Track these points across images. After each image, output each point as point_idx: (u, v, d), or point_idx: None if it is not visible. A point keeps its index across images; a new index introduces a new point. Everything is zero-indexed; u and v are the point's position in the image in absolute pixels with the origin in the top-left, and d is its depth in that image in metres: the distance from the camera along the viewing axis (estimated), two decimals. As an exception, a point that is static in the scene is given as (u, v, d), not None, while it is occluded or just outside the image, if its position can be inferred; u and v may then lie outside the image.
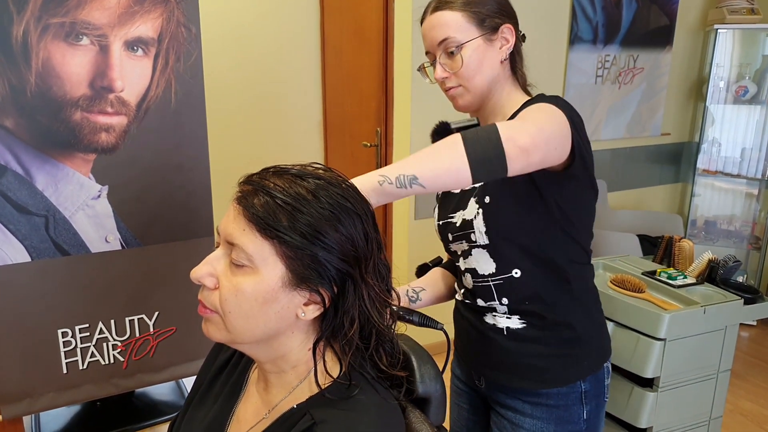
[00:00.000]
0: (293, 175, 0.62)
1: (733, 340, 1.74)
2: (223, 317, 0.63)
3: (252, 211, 0.60)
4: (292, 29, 2.73)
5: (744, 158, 3.12)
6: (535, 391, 0.98)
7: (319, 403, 0.64)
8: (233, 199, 0.63)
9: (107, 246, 1.16)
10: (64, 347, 1.17)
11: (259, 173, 0.64)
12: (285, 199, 0.60)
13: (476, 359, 1.05)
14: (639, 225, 2.92)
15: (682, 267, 1.92)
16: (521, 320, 0.97)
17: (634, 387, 1.68)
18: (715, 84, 3.04)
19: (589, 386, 0.98)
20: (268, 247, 0.60)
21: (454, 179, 0.75)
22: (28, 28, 1.00)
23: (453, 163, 0.74)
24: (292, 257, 0.60)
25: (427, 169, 0.73)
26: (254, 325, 0.62)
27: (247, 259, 0.60)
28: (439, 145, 0.76)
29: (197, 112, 1.19)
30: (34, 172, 1.08)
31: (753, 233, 3.14)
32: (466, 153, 0.74)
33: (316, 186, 0.61)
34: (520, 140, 0.76)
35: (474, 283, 1.00)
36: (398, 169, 0.72)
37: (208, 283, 0.63)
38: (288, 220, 0.59)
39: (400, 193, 0.72)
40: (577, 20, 2.69)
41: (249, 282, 0.61)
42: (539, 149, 0.78)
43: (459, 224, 0.98)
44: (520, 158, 0.76)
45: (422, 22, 0.97)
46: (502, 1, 0.96)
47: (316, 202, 0.60)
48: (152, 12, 1.10)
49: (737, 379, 2.50)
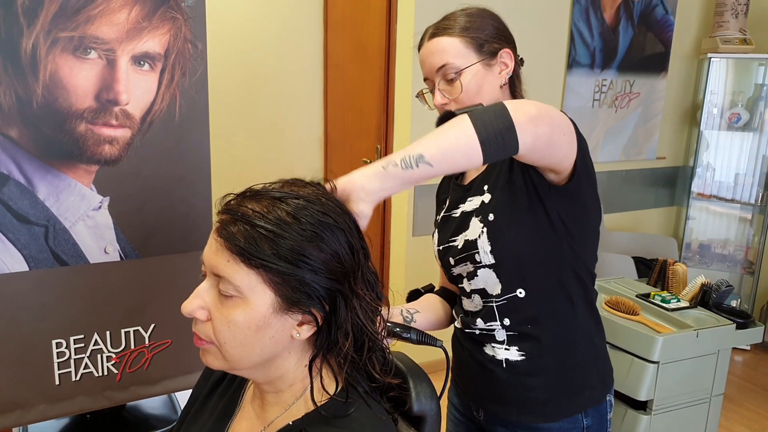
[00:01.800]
0: (271, 198, 0.61)
1: (726, 364, 1.74)
2: (219, 347, 0.63)
3: (234, 242, 0.59)
4: (295, 46, 2.77)
5: (737, 183, 3.16)
6: (535, 425, 0.96)
7: (314, 420, 0.64)
8: (213, 230, 0.62)
9: (106, 257, 1.17)
10: (58, 358, 1.16)
11: (236, 198, 0.63)
12: (266, 226, 0.59)
13: (475, 390, 1.03)
14: (634, 247, 2.94)
15: (675, 290, 1.93)
16: (520, 352, 0.95)
17: (628, 410, 1.68)
18: (709, 110, 3.09)
19: (591, 421, 0.96)
20: (255, 276, 0.59)
21: (464, 155, 0.71)
22: (37, 41, 1.02)
23: (459, 138, 0.70)
24: (280, 283, 0.60)
25: (434, 146, 0.69)
26: (251, 351, 0.62)
27: (234, 290, 0.60)
28: (445, 125, 0.73)
29: (201, 126, 1.21)
30: (36, 182, 1.08)
31: (746, 258, 3.16)
32: (473, 127, 0.70)
33: (295, 207, 0.60)
34: (526, 108, 0.73)
35: (483, 303, 0.97)
36: (403, 152, 0.69)
37: (200, 316, 0.63)
38: (270, 248, 0.59)
39: (406, 176, 0.68)
40: (575, 45, 2.74)
41: (240, 312, 0.60)
42: (545, 120, 0.76)
43: (461, 246, 0.97)
44: (529, 127, 0.73)
45: (419, 48, 0.97)
46: (500, 25, 0.96)
47: (297, 224, 0.59)
48: (160, 28, 1.12)
49: (731, 404, 2.50)
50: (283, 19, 2.73)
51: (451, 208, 1.03)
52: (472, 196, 0.98)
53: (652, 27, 2.95)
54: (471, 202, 0.98)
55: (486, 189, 0.96)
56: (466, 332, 1.02)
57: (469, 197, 0.99)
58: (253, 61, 2.71)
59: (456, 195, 1.02)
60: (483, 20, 0.94)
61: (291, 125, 2.85)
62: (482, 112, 0.73)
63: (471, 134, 0.70)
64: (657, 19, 2.96)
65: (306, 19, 2.76)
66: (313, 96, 2.86)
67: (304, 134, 2.88)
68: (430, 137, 0.71)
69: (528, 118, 0.73)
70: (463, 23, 0.93)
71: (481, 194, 0.97)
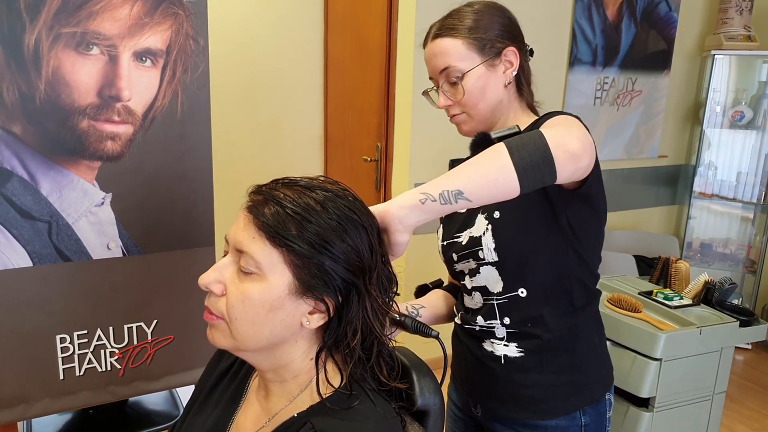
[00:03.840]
0: (302, 186, 0.64)
1: (729, 362, 1.74)
2: (229, 324, 0.63)
3: (262, 219, 0.61)
4: (295, 44, 2.77)
5: (739, 182, 3.15)
6: (532, 422, 0.96)
7: (319, 412, 0.64)
8: (243, 207, 0.64)
9: (108, 253, 1.17)
10: (62, 353, 1.17)
11: (268, 184, 0.65)
12: (294, 209, 0.61)
13: (473, 387, 1.03)
14: (635, 246, 2.94)
15: (678, 288, 1.93)
16: (519, 348, 0.95)
17: (630, 407, 1.68)
18: (712, 108, 3.08)
19: (589, 419, 0.95)
20: (277, 255, 0.61)
21: (502, 190, 0.71)
22: (40, 37, 1.02)
23: (499, 173, 0.71)
24: (300, 265, 0.61)
25: (473, 183, 0.70)
26: (260, 332, 0.63)
27: (255, 266, 0.61)
28: (482, 156, 0.73)
29: (202, 123, 1.21)
30: (40, 178, 1.09)
31: (748, 257, 3.16)
32: (512, 161, 0.71)
33: (324, 197, 0.63)
34: (570, 145, 0.73)
35: (484, 301, 0.97)
36: (441, 185, 0.70)
37: (216, 289, 0.64)
38: (297, 229, 0.61)
39: (444, 210, 0.70)
40: (576, 42, 2.74)
41: (256, 289, 0.62)
42: (587, 153, 0.76)
43: (465, 243, 0.96)
44: (570, 163, 0.73)
45: (424, 46, 0.96)
46: (507, 21, 0.94)
47: (324, 212, 0.62)
48: (162, 24, 1.12)
49: (732, 403, 2.49)
50: (283, 17, 2.73)
51: None
52: None
53: (654, 24, 2.94)
54: None
55: None
56: (465, 328, 1.02)
57: None
58: (253, 59, 2.71)
59: None
60: (490, 18, 0.93)
61: (291, 123, 2.85)
62: (521, 145, 0.72)
63: (509, 171, 0.71)
64: (660, 16, 2.95)
65: (306, 17, 2.76)
66: (314, 93, 2.86)
67: (304, 132, 2.88)
68: (467, 170, 0.71)
69: (570, 157, 0.73)
70: (469, 23, 0.92)
71: None
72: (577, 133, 0.77)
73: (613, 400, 1.01)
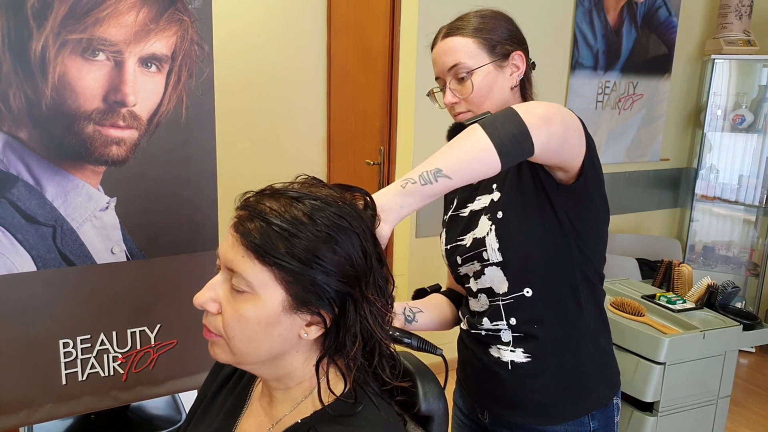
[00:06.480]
0: (289, 198, 0.62)
1: (733, 365, 1.74)
2: (227, 341, 0.63)
3: (249, 238, 0.60)
4: (299, 48, 2.78)
5: (741, 185, 3.15)
6: (540, 428, 0.95)
7: (323, 418, 0.64)
8: (230, 225, 0.63)
9: (113, 257, 1.17)
10: (65, 358, 1.17)
11: (255, 195, 0.64)
12: (281, 225, 0.59)
13: (480, 393, 1.02)
14: (638, 249, 2.94)
15: (681, 291, 1.92)
16: (525, 353, 0.95)
17: (634, 411, 1.67)
18: (713, 112, 3.09)
19: (597, 424, 0.95)
20: (267, 274, 0.60)
21: (482, 163, 0.71)
22: (46, 44, 1.03)
23: (475, 147, 0.71)
24: (291, 282, 0.60)
25: (451, 159, 0.70)
26: (258, 347, 0.63)
27: (247, 285, 0.61)
28: (458, 136, 0.74)
29: (207, 127, 1.21)
30: (45, 183, 1.09)
31: (751, 260, 3.15)
32: (487, 135, 0.71)
33: (312, 208, 0.61)
34: (537, 110, 0.74)
35: (490, 302, 0.97)
36: (420, 168, 0.70)
37: (211, 308, 0.63)
38: (285, 246, 0.59)
39: (426, 191, 0.69)
40: (578, 46, 2.74)
41: (250, 308, 0.61)
42: (557, 119, 0.77)
43: (469, 245, 0.97)
44: (542, 126, 0.74)
45: (432, 47, 0.98)
46: (513, 28, 0.97)
47: (312, 225, 0.60)
48: (167, 30, 1.12)
49: (736, 407, 2.48)
50: (287, 22, 2.74)
51: (460, 207, 1.03)
52: (481, 195, 0.99)
53: (655, 29, 2.95)
54: (480, 201, 0.98)
55: (495, 187, 0.96)
56: (471, 333, 1.01)
57: (477, 196, 0.99)
58: (257, 64, 2.72)
59: (464, 194, 1.02)
60: (496, 22, 0.95)
61: (294, 126, 2.85)
62: (493, 119, 0.74)
63: (486, 142, 0.71)
64: (660, 21, 2.96)
65: (310, 22, 2.77)
66: (317, 98, 2.87)
67: (307, 135, 2.89)
68: (445, 150, 0.72)
69: (540, 120, 0.74)
70: (476, 24, 0.94)
71: (490, 192, 0.97)
72: (546, 103, 0.78)
73: (620, 404, 1.01)
